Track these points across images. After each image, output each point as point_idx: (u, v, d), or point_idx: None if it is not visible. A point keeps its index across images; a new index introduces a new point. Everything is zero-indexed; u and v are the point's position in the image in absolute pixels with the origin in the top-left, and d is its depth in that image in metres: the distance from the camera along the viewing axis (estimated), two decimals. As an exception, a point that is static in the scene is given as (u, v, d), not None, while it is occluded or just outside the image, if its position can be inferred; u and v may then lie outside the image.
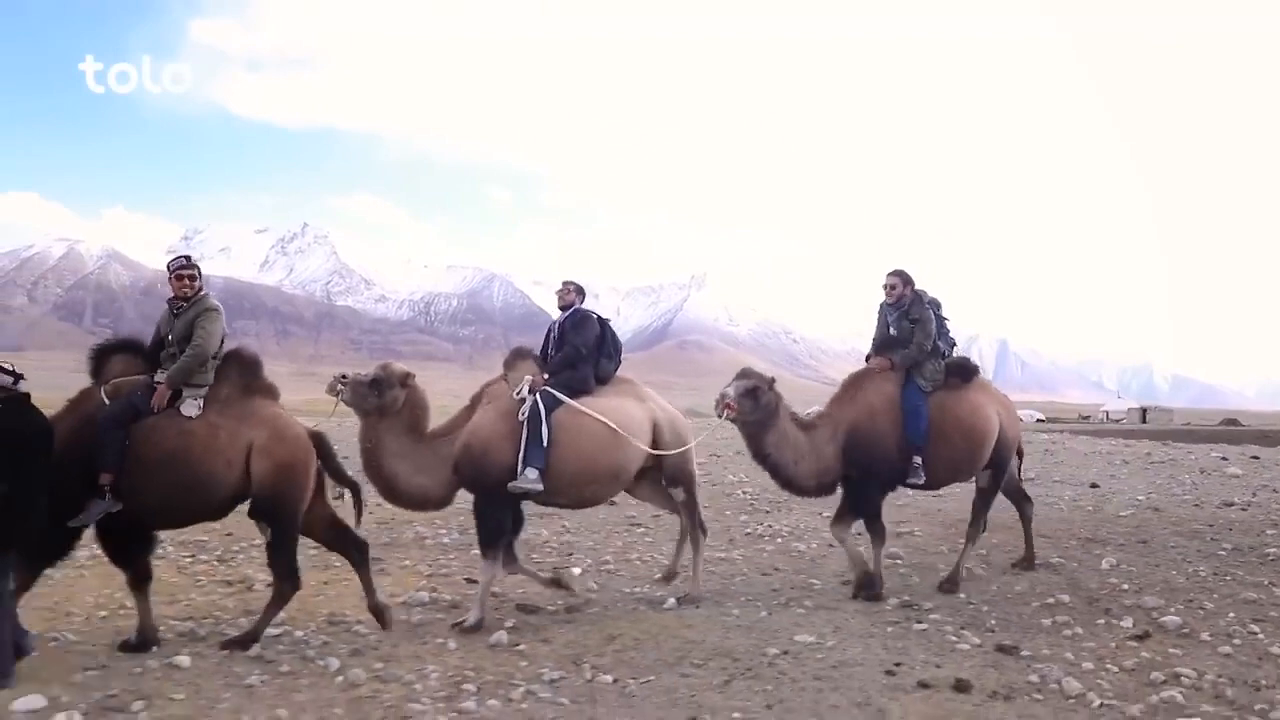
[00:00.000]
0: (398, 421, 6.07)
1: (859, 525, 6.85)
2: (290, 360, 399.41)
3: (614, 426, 6.15)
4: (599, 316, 6.67)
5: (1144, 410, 79.86)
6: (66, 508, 5.13)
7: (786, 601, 6.48)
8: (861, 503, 6.76)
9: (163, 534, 6.25)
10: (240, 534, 8.28)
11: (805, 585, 7.03)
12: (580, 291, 6.84)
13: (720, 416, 6.58)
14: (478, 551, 6.29)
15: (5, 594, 4.73)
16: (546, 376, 6.31)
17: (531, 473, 5.96)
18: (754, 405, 6.53)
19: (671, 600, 6.44)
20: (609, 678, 4.79)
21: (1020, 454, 7.62)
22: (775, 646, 5.30)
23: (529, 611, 6.19)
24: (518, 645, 5.38)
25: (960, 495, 9.82)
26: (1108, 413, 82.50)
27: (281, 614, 5.63)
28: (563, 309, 6.72)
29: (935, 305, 7.08)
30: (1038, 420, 62.58)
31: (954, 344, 7.17)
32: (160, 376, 5.52)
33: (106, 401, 5.42)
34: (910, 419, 6.67)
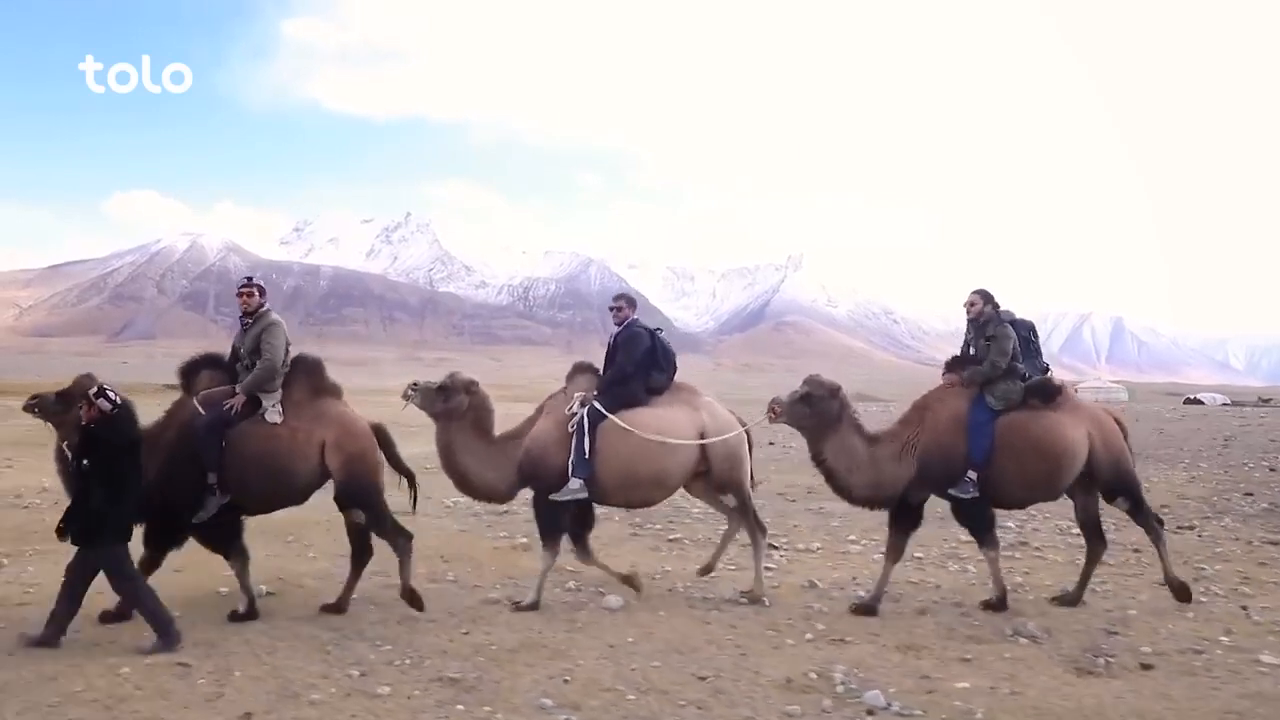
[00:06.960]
0: (465, 423, 6.70)
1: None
2: (396, 346, 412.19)
3: (646, 437, 6.51)
4: (650, 330, 6.97)
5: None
6: (187, 504, 6.00)
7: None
8: (966, 518, 6.78)
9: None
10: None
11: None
12: (633, 304, 7.17)
13: (768, 420, 6.80)
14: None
15: (136, 575, 5.65)
16: (596, 393, 6.72)
17: (575, 482, 6.51)
18: (808, 412, 6.71)
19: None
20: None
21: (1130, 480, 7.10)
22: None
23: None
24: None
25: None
26: None
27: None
28: (618, 325, 7.01)
29: (1026, 328, 7.00)
30: (1223, 404, 59.64)
31: (1046, 369, 7.01)
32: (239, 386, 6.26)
33: (201, 411, 6.13)
34: (973, 436, 6.64)
